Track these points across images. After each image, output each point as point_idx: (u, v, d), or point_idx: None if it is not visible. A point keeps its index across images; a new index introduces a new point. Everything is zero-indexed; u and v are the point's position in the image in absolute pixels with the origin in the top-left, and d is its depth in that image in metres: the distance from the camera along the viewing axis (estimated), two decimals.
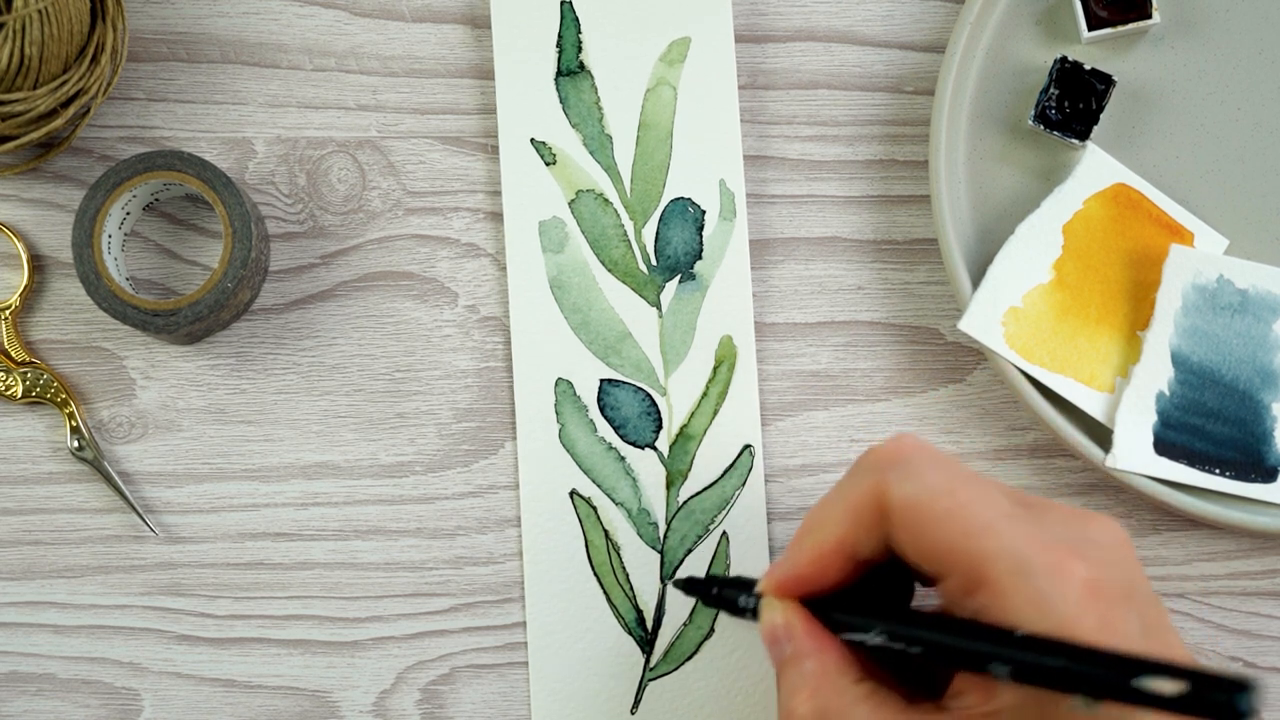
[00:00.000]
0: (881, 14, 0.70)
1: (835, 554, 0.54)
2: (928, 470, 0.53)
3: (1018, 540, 0.51)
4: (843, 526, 0.54)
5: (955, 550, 0.51)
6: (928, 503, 0.52)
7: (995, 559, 0.50)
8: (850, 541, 0.54)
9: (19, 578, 0.67)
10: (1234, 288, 0.67)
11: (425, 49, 0.69)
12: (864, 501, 0.53)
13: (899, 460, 0.53)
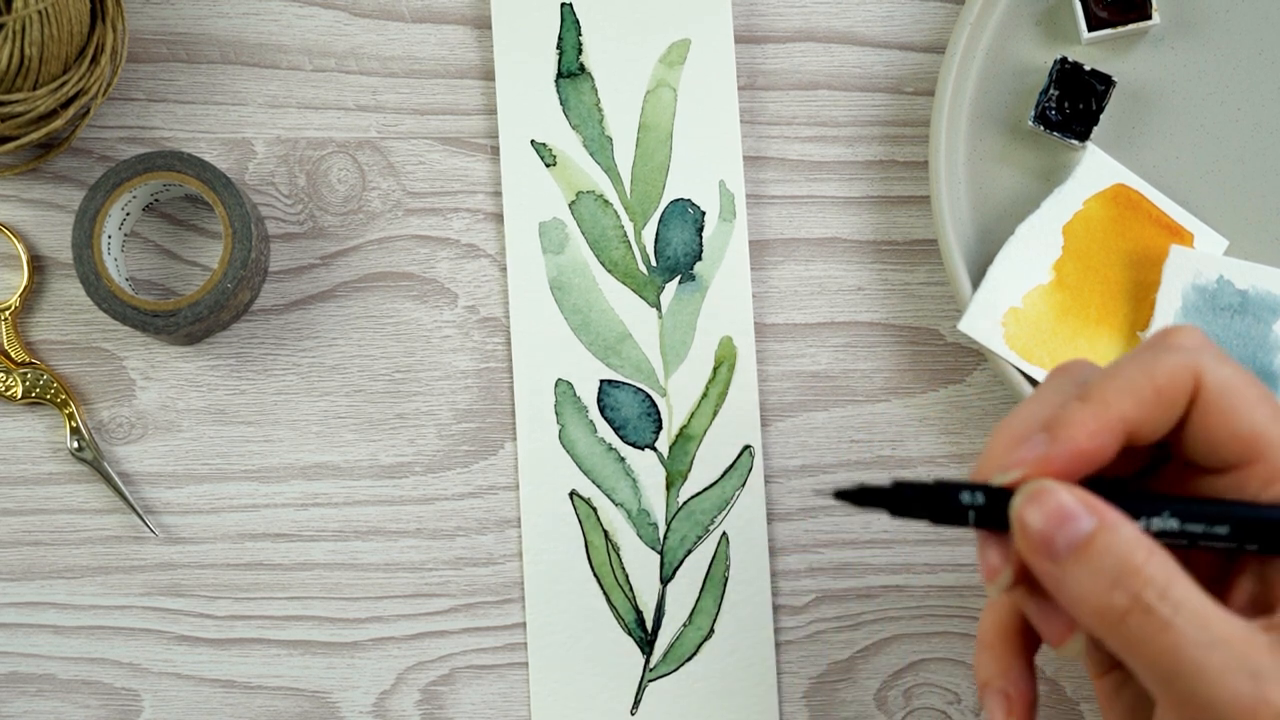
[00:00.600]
0: (881, 14, 0.70)
1: (1121, 426, 0.49)
2: (1228, 358, 0.50)
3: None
4: (1137, 401, 0.49)
5: (1264, 435, 0.49)
6: (1245, 385, 0.49)
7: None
8: (1139, 418, 0.49)
9: (19, 578, 0.67)
10: (1234, 288, 0.66)
11: (425, 49, 0.69)
12: (1176, 380, 0.49)
13: (1204, 345, 0.50)
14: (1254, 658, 0.47)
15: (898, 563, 0.68)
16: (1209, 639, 0.47)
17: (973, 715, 0.67)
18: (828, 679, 0.67)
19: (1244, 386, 0.50)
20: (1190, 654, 0.47)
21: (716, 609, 0.67)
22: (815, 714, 0.67)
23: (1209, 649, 0.47)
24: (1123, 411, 0.49)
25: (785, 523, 0.68)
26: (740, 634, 0.67)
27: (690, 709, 0.66)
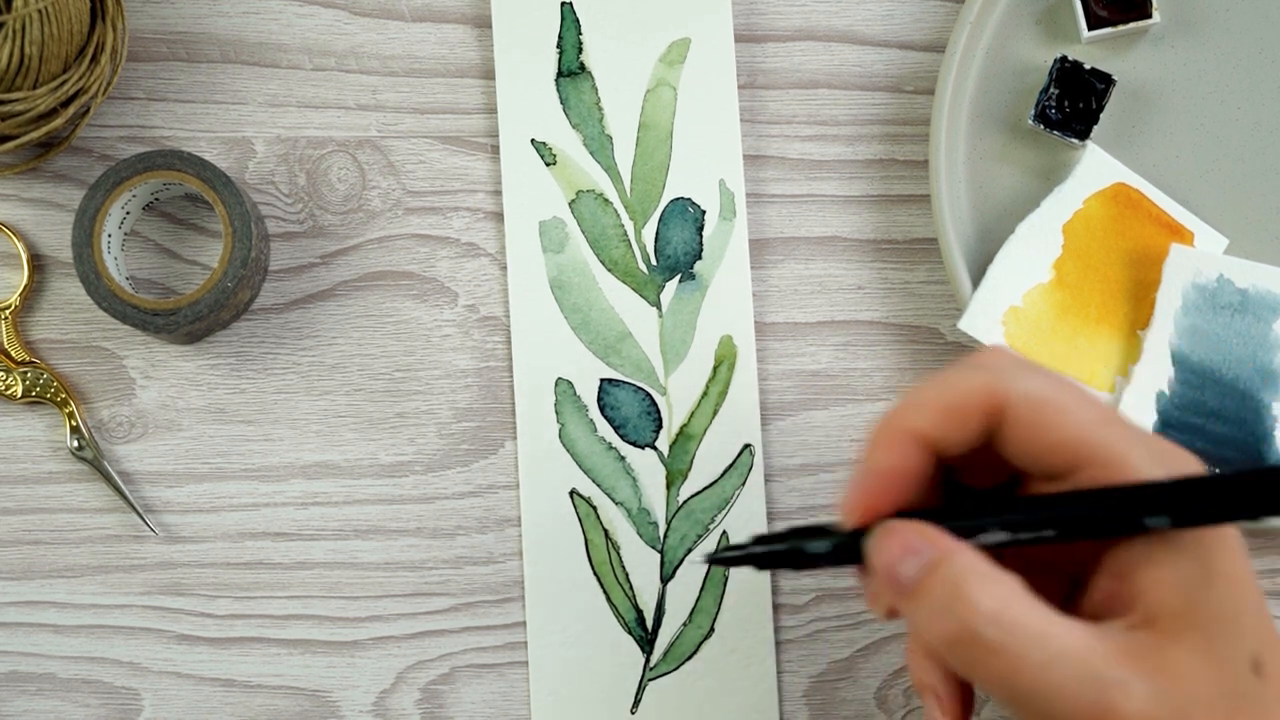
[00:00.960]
0: (881, 14, 0.70)
1: (915, 443, 0.51)
2: (1043, 370, 0.52)
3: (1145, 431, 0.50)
4: (931, 418, 0.51)
5: (1087, 440, 0.49)
6: (1059, 397, 0.50)
7: (1136, 445, 0.49)
8: (935, 432, 0.51)
9: (19, 578, 0.67)
10: (1234, 287, 0.67)
11: (425, 49, 0.69)
12: (971, 397, 0.51)
13: (1009, 364, 0.52)
14: (1096, 666, 0.48)
15: None
16: (1045, 657, 0.48)
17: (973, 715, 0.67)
18: (828, 678, 0.67)
19: (1055, 397, 0.50)
20: (1028, 676, 0.48)
21: (716, 608, 0.67)
22: (815, 713, 0.67)
23: (1045, 668, 0.48)
24: (918, 428, 0.51)
25: (785, 521, 0.68)
26: (740, 633, 0.67)
27: (690, 708, 0.66)
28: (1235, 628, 0.48)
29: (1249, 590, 0.49)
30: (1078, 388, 0.51)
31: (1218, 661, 0.48)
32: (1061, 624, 0.49)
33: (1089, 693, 0.48)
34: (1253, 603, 0.49)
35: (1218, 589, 0.48)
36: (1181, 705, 0.48)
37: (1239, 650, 0.48)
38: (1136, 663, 0.48)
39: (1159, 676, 0.48)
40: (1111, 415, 0.51)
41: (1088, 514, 0.49)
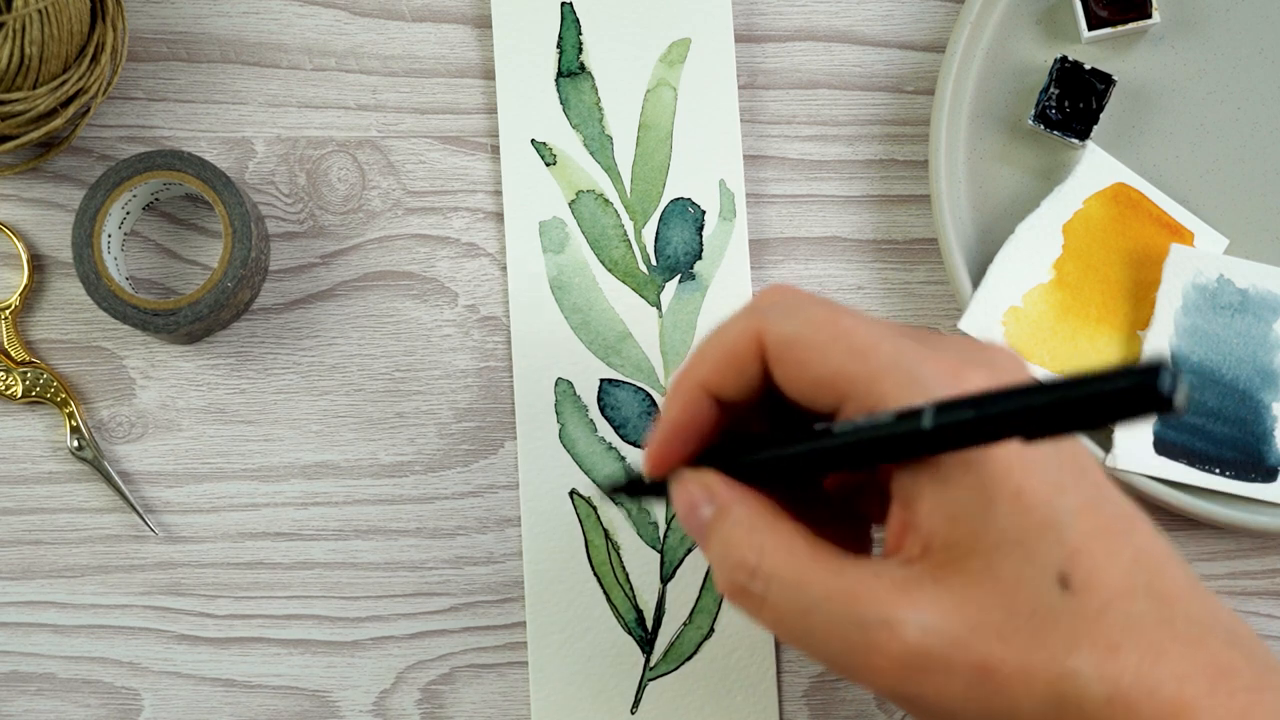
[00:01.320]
0: (881, 14, 0.70)
1: (701, 392, 0.53)
2: (808, 307, 0.51)
3: (907, 356, 0.49)
4: (712, 366, 0.52)
5: (841, 375, 0.49)
6: (809, 334, 0.50)
7: (885, 375, 0.48)
8: (717, 380, 0.52)
9: (19, 578, 0.67)
10: (1234, 287, 0.67)
11: (425, 49, 0.69)
12: (739, 342, 0.52)
13: (778, 302, 0.52)
14: (857, 609, 0.48)
15: None
16: (802, 605, 0.48)
17: None
18: (828, 678, 0.67)
19: (807, 335, 0.50)
20: (790, 624, 0.49)
21: (717, 608, 0.67)
22: (815, 713, 0.67)
23: (805, 615, 0.48)
24: (700, 378, 0.52)
25: None
26: (740, 633, 0.67)
27: (690, 708, 0.66)
28: (1027, 548, 0.47)
29: (1049, 504, 0.47)
30: (840, 322, 0.50)
31: (1007, 584, 0.47)
32: (827, 569, 0.49)
33: (850, 636, 0.48)
34: (1057, 516, 0.47)
35: (1000, 511, 0.47)
36: (957, 635, 0.47)
37: (1036, 569, 0.46)
38: (906, 597, 0.47)
39: (930, 609, 0.47)
40: (868, 345, 0.49)
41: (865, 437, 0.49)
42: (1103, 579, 0.47)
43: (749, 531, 0.50)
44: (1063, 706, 0.47)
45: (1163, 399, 0.41)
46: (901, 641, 0.47)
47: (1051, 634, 0.47)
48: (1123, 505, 0.49)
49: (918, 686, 0.48)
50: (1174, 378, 0.41)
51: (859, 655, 0.48)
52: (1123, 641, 0.47)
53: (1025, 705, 0.47)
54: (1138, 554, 0.48)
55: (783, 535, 0.50)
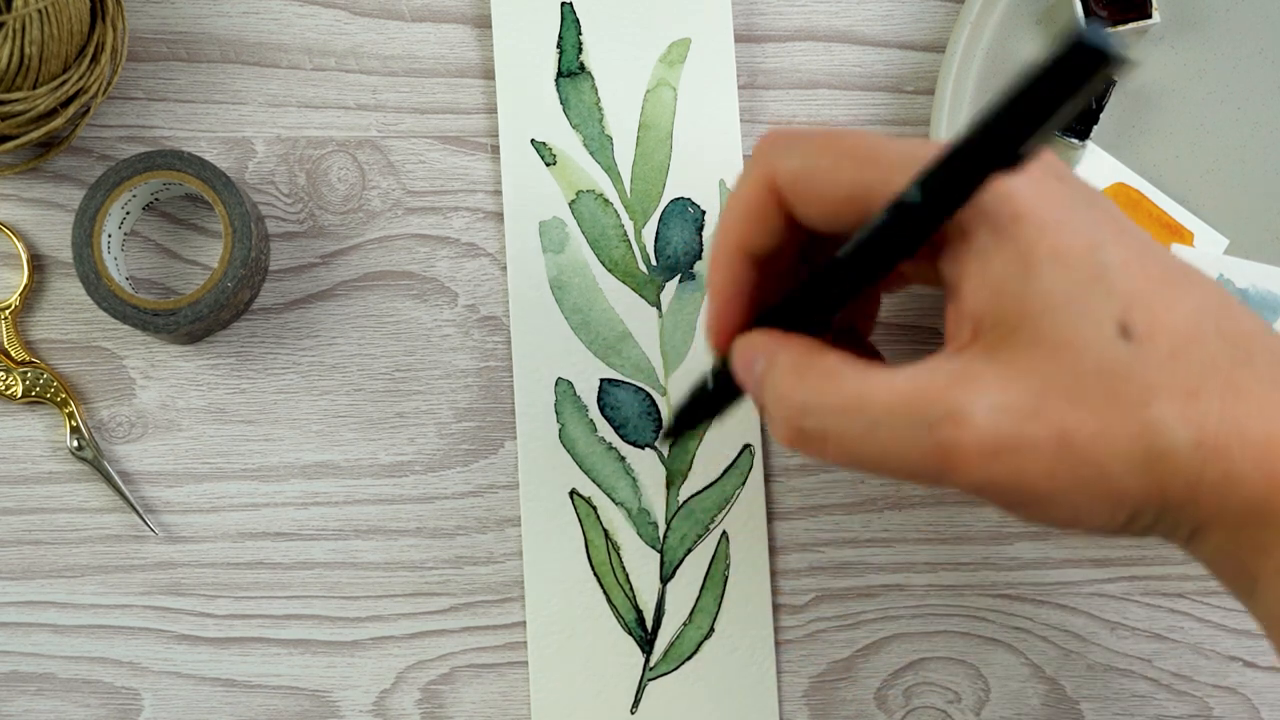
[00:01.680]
0: (881, 14, 0.70)
1: (737, 255, 0.52)
2: (808, 137, 0.51)
3: (915, 150, 0.48)
4: (738, 227, 0.52)
5: (858, 187, 0.48)
6: (816, 161, 0.50)
7: (898, 171, 0.47)
8: (745, 238, 0.52)
9: (19, 578, 0.67)
10: (1234, 287, 0.67)
11: (425, 49, 0.69)
12: (754, 194, 0.51)
13: (779, 143, 0.51)
14: (920, 410, 0.46)
15: (898, 561, 0.68)
16: (865, 426, 0.47)
17: (973, 715, 0.67)
18: (828, 678, 0.67)
19: (813, 164, 0.50)
20: (859, 450, 0.48)
21: (717, 608, 0.67)
22: (815, 713, 0.67)
23: (870, 436, 0.47)
24: (730, 242, 0.52)
25: (785, 521, 0.68)
26: (740, 633, 0.67)
27: (690, 708, 0.66)
28: (1078, 305, 0.45)
29: (1091, 258, 0.46)
30: (842, 141, 0.50)
31: (1065, 344, 0.45)
32: (880, 383, 0.47)
33: (922, 441, 0.46)
34: (1103, 269, 0.46)
35: (1041, 273, 0.45)
36: (1026, 406, 0.45)
37: (1091, 324, 0.45)
38: (967, 384, 0.46)
39: (993, 388, 0.46)
40: (874, 151, 0.49)
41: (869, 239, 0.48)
42: (1167, 324, 0.45)
43: (793, 372, 0.49)
44: (1152, 460, 0.45)
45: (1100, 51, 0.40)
46: (974, 428, 0.45)
47: (1125, 387, 0.45)
48: (1175, 260, 0.47)
49: (1003, 472, 0.46)
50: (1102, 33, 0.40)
51: (936, 457, 0.46)
52: (1201, 385, 0.45)
53: (1114, 467, 0.45)
54: (1201, 301, 0.46)
55: (828, 365, 0.49)
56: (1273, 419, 0.45)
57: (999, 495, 0.47)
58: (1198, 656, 0.67)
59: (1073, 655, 0.67)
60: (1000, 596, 0.67)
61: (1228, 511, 0.46)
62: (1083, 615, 0.67)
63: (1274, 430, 0.45)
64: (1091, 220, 0.47)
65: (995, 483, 0.46)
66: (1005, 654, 0.67)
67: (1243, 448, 0.45)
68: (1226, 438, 0.45)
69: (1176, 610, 0.67)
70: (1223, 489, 0.45)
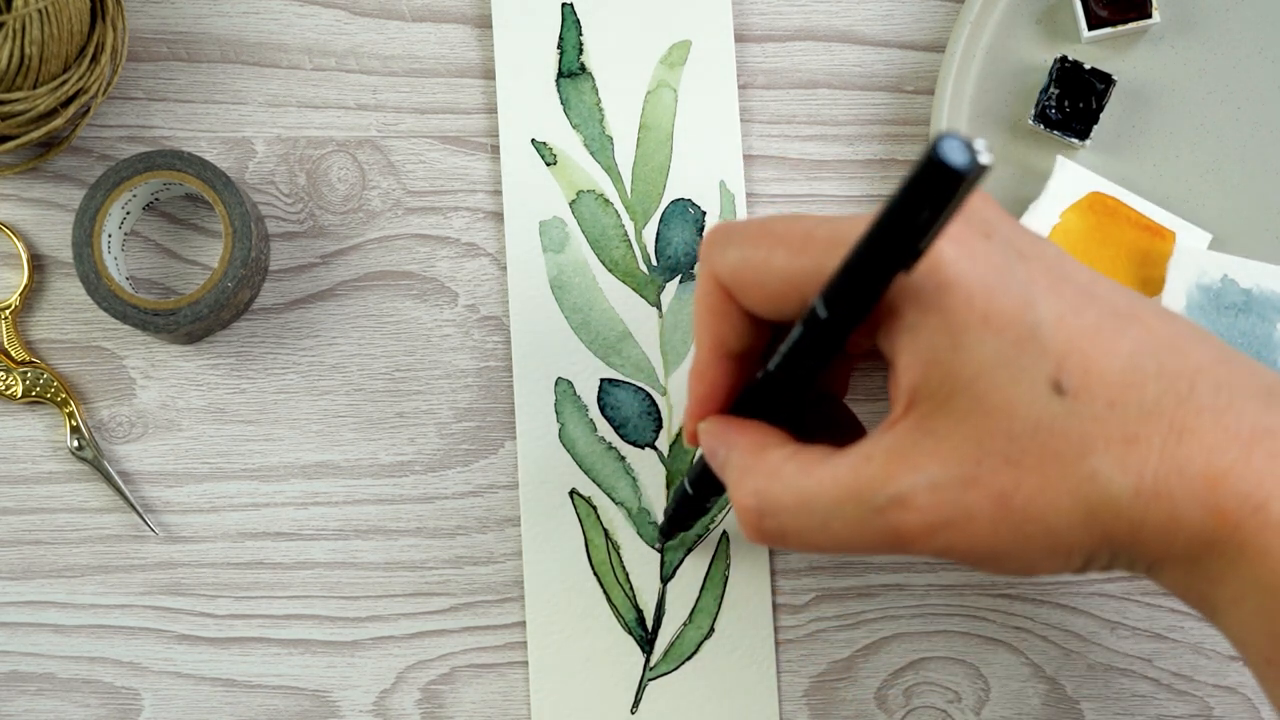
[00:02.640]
0: (881, 14, 0.70)
1: (714, 358, 0.54)
2: (739, 231, 0.52)
3: (842, 229, 0.48)
4: (706, 330, 0.53)
5: (792, 276, 0.49)
6: (750, 253, 0.51)
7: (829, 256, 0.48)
8: (718, 340, 0.53)
9: (19, 577, 0.67)
10: (1238, 287, 0.66)
11: (425, 49, 0.69)
12: (708, 296, 0.53)
13: (715, 241, 0.52)
14: (867, 500, 0.48)
15: (898, 561, 0.67)
16: (821, 518, 0.49)
17: (973, 714, 0.67)
18: (828, 678, 0.67)
19: (750, 258, 0.51)
20: (821, 540, 0.49)
21: (717, 608, 0.67)
22: (815, 713, 0.67)
23: (825, 529, 0.49)
24: (704, 345, 0.54)
25: None
26: (740, 633, 0.67)
27: (690, 708, 0.66)
28: (1008, 368, 0.46)
29: (1020, 320, 0.46)
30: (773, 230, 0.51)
31: (998, 409, 0.46)
32: (824, 476, 0.49)
33: (873, 525, 0.48)
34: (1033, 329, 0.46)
35: (970, 342, 0.46)
36: (965, 475, 0.46)
37: (1023, 386, 0.46)
38: (903, 463, 0.47)
39: (930, 463, 0.47)
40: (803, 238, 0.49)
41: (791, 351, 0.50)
42: (1103, 375, 0.46)
43: (741, 475, 0.51)
44: (1093, 511, 0.46)
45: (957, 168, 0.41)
46: (916, 510, 0.47)
47: (1060, 443, 0.46)
48: (1118, 304, 0.48)
49: (951, 541, 0.47)
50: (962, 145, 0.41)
51: (889, 539, 0.48)
52: (1140, 430, 0.46)
53: (1056, 521, 0.46)
54: (1142, 342, 0.47)
55: (772, 464, 0.50)
56: (1213, 453, 0.46)
57: (954, 559, 0.49)
58: (1198, 656, 0.67)
59: (1073, 655, 0.67)
60: (1000, 596, 0.67)
61: (1175, 548, 0.47)
62: (1083, 615, 0.67)
63: (1214, 465, 0.46)
64: (1023, 277, 0.47)
65: (946, 550, 0.48)
66: (1005, 654, 0.67)
67: (1184, 487, 0.46)
68: (1167, 480, 0.46)
69: (1177, 610, 0.67)
70: (1168, 529, 0.46)
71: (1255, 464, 0.46)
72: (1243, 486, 0.46)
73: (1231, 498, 0.46)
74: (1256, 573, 0.46)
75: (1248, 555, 0.46)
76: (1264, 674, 0.48)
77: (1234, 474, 0.46)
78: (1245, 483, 0.46)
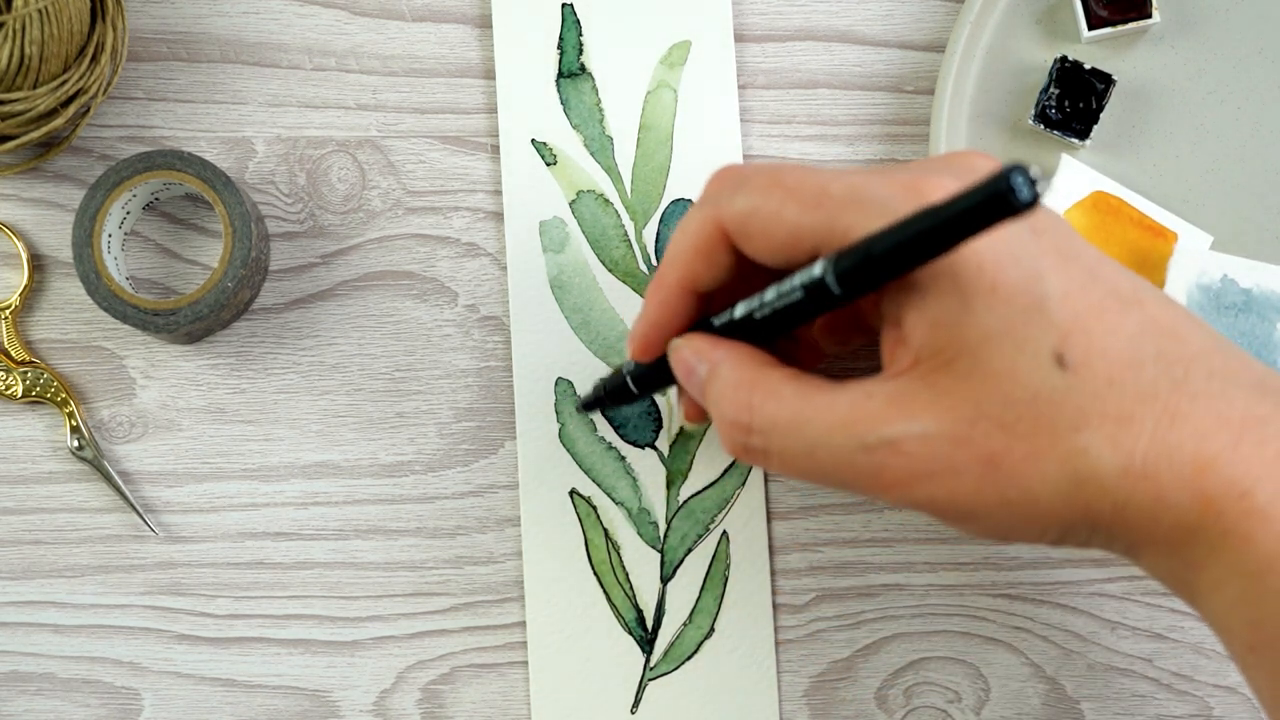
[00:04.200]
0: (881, 14, 0.70)
1: (679, 291, 0.55)
2: (752, 177, 0.52)
3: (858, 188, 0.49)
4: (684, 263, 0.54)
5: (802, 229, 0.50)
6: (760, 203, 0.51)
7: (842, 212, 0.49)
8: (691, 276, 0.54)
9: (19, 577, 0.67)
10: (1238, 287, 0.66)
11: (425, 49, 0.69)
12: (701, 235, 0.53)
13: (726, 184, 0.53)
14: (857, 434, 0.49)
15: (898, 561, 0.67)
16: (808, 444, 0.50)
17: (973, 714, 0.67)
18: (828, 677, 0.67)
19: (760, 205, 0.51)
20: (802, 466, 0.50)
21: (717, 608, 0.67)
22: (816, 712, 0.67)
23: (812, 454, 0.50)
24: (674, 278, 0.54)
25: (785, 521, 0.68)
26: (741, 633, 0.67)
27: (690, 708, 0.66)
28: (1014, 337, 0.47)
29: (1029, 291, 0.47)
30: (786, 180, 0.51)
31: (1000, 375, 0.47)
32: (819, 405, 0.50)
33: (857, 462, 0.49)
34: (1040, 301, 0.47)
35: (978, 307, 0.47)
36: (958, 433, 0.47)
37: (1027, 355, 0.47)
38: (901, 409, 0.48)
39: (926, 415, 0.48)
40: (817, 192, 0.50)
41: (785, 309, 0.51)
42: (1104, 352, 0.47)
43: (735, 388, 0.52)
44: (1077, 485, 0.47)
45: (1023, 203, 0.41)
46: (905, 455, 0.48)
47: (1056, 414, 0.47)
48: (1121, 285, 0.49)
49: (933, 492, 0.48)
50: (1029, 180, 0.41)
51: (870, 477, 0.49)
52: (1135, 411, 0.47)
53: (1040, 489, 0.47)
54: (1143, 325, 0.48)
55: (770, 384, 0.51)
56: (1203, 439, 0.47)
57: (931, 512, 0.49)
58: (1198, 656, 0.67)
59: (1073, 655, 0.67)
60: (1000, 596, 0.67)
61: (1159, 531, 0.48)
62: (1083, 615, 0.67)
63: (1203, 451, 0.47)
64: (1035, 250, 0.48)
65: (925, 502, 0.49)
66: (1005, 654, 0.67)
67: (1172, 471, 0.47)
68: (1156, 462, 0.47)
69: (1177, 610, 0.67)
70: (1152, 511, 0.47)
71: (1243, 451, 0.47)
72: (1230, 473, 0.47)
73: (1218, 483, 0.47)
74: (1239, 558, 0.47)
75: (1231, 541, 0.47)
76: (1245, 660, 0.49)
77: (1222, 460, 0.47)
78: (1233, 469, 0.47)
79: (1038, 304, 0.47)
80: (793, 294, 0.50)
